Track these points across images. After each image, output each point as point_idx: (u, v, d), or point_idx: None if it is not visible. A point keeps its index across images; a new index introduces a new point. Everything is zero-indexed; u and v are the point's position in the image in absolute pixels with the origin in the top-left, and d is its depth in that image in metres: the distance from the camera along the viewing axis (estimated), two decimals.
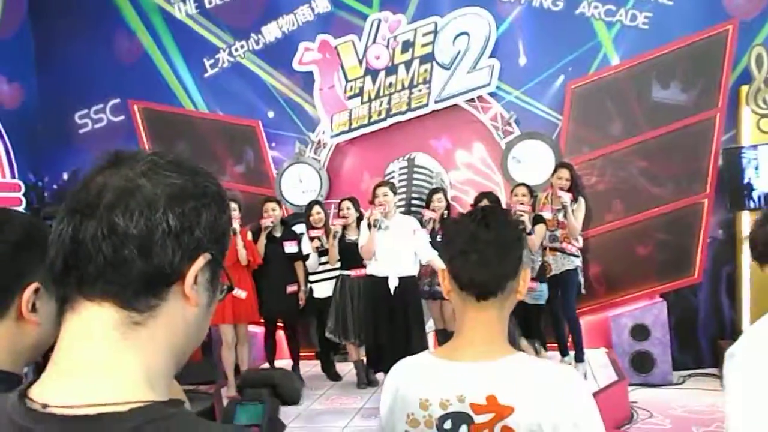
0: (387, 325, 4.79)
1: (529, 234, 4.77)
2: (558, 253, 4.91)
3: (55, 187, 6.48)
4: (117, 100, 6.33)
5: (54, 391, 0.64)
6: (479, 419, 1.20)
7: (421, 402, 1.24)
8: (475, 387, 1.21)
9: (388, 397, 1.33)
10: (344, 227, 5.17)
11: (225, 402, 4.54)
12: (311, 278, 5.43)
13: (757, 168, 5.14)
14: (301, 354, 5.59)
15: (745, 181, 5.14)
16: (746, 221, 5.20)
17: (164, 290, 0.68)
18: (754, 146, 5.16)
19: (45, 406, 0.63)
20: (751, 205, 5.16)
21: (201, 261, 0.69)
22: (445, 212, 5.17)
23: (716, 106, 5.29)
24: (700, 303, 5.49)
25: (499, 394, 1.19)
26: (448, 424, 1.22)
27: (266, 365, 5.43)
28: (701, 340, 5.50)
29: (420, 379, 1.27)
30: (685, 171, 5.38)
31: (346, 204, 5.25)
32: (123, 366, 0.66)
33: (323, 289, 5.35)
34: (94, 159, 0.72)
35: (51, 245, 0.68)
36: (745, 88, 5.18)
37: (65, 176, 6.49)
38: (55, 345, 0.70)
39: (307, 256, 5.32)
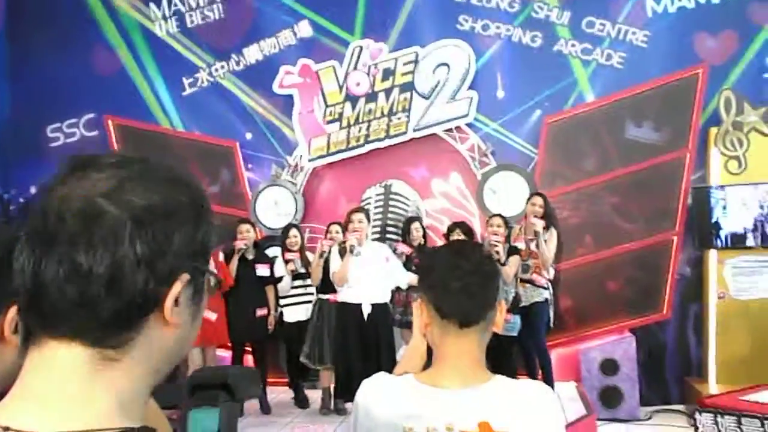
0: (358, 352, 4.76)
1: (503, 265, 4.81)
2: (527, 285, 4.94)
3: (21, 200, 6.32)
4: (92, 115, 6.24)
5: (16, 415, 0.59)
6: None
7: (405, 430, 1.21)
8: (464, 414, 1.19)
9: (364, 416, 1.28)
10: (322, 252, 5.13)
11: None
12: (282, 302, 5.36)
13: (724, 208, 5.27)
14: (269, 380, 5.48)
15: (713, 220, 5.26)
16: (713, 260, 5.31)
17: (140, 321, 0.62)
18: (722, 186, 5.29)
19: (6, 428, 0.58)
20: (719, 244, 5.28)
21: (178, 286, 0.63)
22: (422, 241, 5.19)
23: (686, 146, 5.43)
24: (668, 339, 5.56)
25: (493, 420, 1.18)
26: None
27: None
28: (668, 376, 5.55)
29: (403, 405, 1.24)
30: (656, 208, 5.49)
31: (335, 227, 5.21)
32: (93, 397, 0.61)
33: (294, 314, 5.29)
34: (58, 166, 0.65)
35: (15, 274, 0.62)
36: (714, 130, 5.34)
37: (33, 190, 6.35)
38: None
39: (280, 278, 5.27)
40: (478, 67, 5.72)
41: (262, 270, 5.21)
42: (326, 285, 5.11)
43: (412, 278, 4.71)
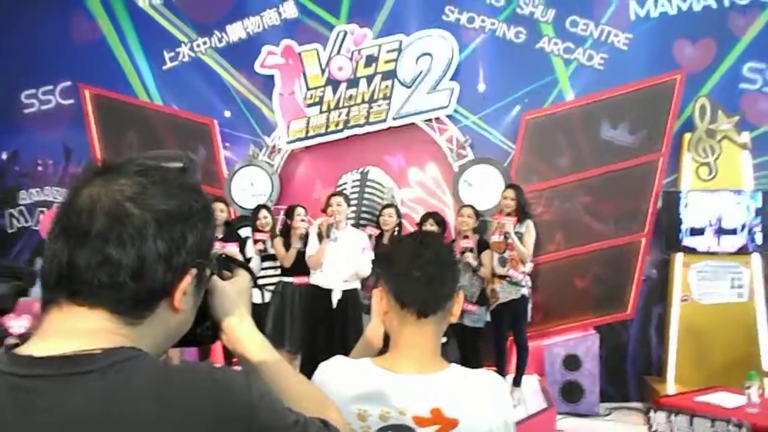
0: (325, 336, 4.76)
1: (477, 270, 4.85)
2: (504, 281, 4.93)
3: None
4: (68, 83, 6.13)
5: (39, 348, 0.70)
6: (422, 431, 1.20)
7: (359, 413, 1.23)
8: (418, 399, 1.21)
9: None
10: (289, 236, 5.11)
11: None
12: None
13: (687, 210, 5.37)
14: (234, 360, 5.46)
15: (682, 224, 5.36)
16: (679, 263, 5.42)
17: (154, 304, 0.74)
18: (693, 191, 5.39)
19: (30, 356, 0.69)
20: (685, 248, 5.38)
21: (188, 279, 0.75)
22: (396, 228, 5.20)
23: (660, 150, 5.52)
24: (631, 339, 5.67)
25: (445, 407, 1.21)
26: None
27: None
28: (629, 374, 5.66)
29: (358, 388, 1.25)
30: (626, 210, 5.57)
31: (299, 210, 5.18)
32: (104, 335, 0.71)
33: (260, 295, 5.27)
34: (83, 168, 0.76)
35: (45, 260, 0.73)
36: (688, 136, 5.42)
37: (4, 156, 6.24)
38: None
39: (249, 259, 5.24)
40: (461, 59, 5.73)
41: (231, 249, 5.18)
42: (293, 267, 5.08)
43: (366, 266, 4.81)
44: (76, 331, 0.71)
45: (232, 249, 5.02)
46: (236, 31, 6.03)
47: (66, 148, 6.13)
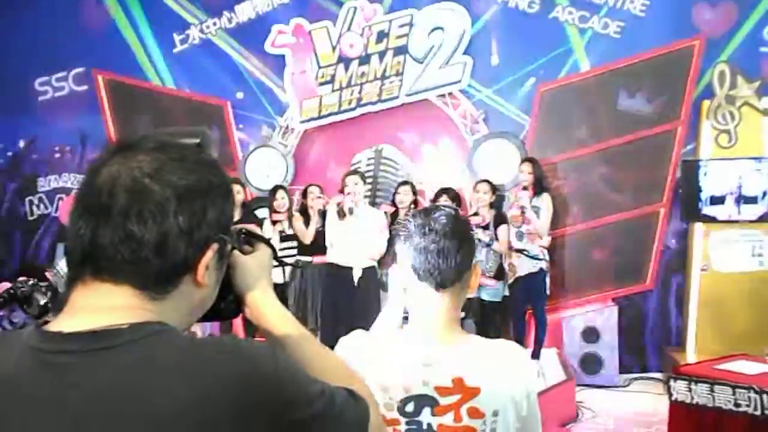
0: (347, 314, 4.80)
1: (490, 245, 4.84)
2: (522, 255, 4.92)
3: (9, 154, 6.28)
4: (81, 70, 6.16)
5: (67, 324, 0.71)
6: (444, 401, 1.22)
7: (381, 384, 1.24)
8: (439, 370, 1.23)
9: None
10: (308, 214, 5.13)
11: None
12: None
13: (707, 179, 5.29)
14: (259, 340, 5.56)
15: (701, 193, 5.28)
16: (699, 233, 5.36)
17: (178, 279, 0.74)
18: (712, 160, 5.30)
19: (60, 333, 0.70)
20: (705, 217, 5.31)
21: (210, 254, 0.75)
22: (412, 206, 5.20)
23: (678, 119, 5.42)
24: (650, 310, 5.64)
25: (466, 377, 1.22)
26: (410, 407, 1.23)
27: None
28: (648, 345, 5.65)
29: (380, 361, 1.27)
30: (645, 180, 5.51)
31: (313, 188, 5.19)
32: (132, 310, 0.72)
33: (279, 275, 5.31)
34: (102, 149, 0.76)
35: (69, 238, 0.74)
36: (707, 103, 5.31)
37: (21, 144, 6.30)
38: None
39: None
40: (473, 33, 5.65)
41: None
42: (311, 247, 5.12)
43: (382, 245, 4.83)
44: (103, 307, 0.72)
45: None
46: (245, 11, 5.99)
47: (82, 134, 6.18)
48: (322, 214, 5.05)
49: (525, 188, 4.92)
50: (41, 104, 6.21)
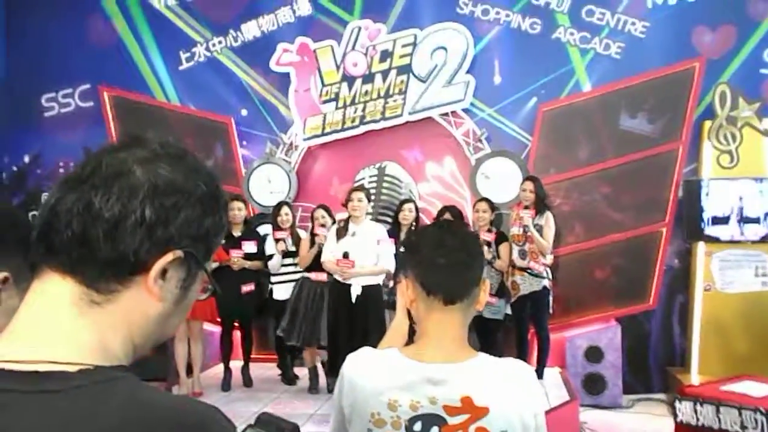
0: (347, 332, 4.78)
1: (491, 262, 4.84)
2: (525, 273, 4.92)
3: (14, 168, 6.30)
4: (87, 86, 6.21)
5: (6, 349, 0.64)
6: (453, 421, 1.21)
7: (389, 403, 1.23)
8: (447, 388, 1.21)
9: (349, 388, 1.30)
10: (315, 233, 5.14)
11: None
12: (272, 279, 5.38)
13: (709, 198, 5.30)
14: (258, 356, 5.53)
15: (703, 213, 5.30)
16: (701, 252, 5.36)
17: (128, 278, 0.67)
18: (713, 180, 5.33)
19: (1, 370, 0.63)
20: (707, 237, 5.32)
21: (170, 256, 0.68)
22: (414, 224, 5.21)
23: (680, 139, 5.45)
24: (653, 329, 5.62)
25: (475, 396, 1.21)
26: (417, 426, 1.22)
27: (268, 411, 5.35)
28: (652, 365, 5.62)
29: (387, 378, 1.25)
30: (647, 199, 5.52)
31: (321, 212, 5.21)
32: (78, 337, 0.66)
33: (283, 292, 5.31)
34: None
35: (40, 208, 0.70)
36: (708, 123, 5.35)
37: (26, 159, 6.33)
38: None
39: (270, 256, 5.28)
40: (476, 52, 5.71)
41: (249, 247, 5.23)
42: (311, 264, 5.12)
43: (389, 267, 4.82)
44: (45, 326, 0.65)
45: None
46: (251, 30, 6.06)
47: (87, 150, 6.21)
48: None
49: (527, 207, 4.93)
50: (47, 120, 6.25)
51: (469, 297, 1.28)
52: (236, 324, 5.45)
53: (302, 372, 5.48)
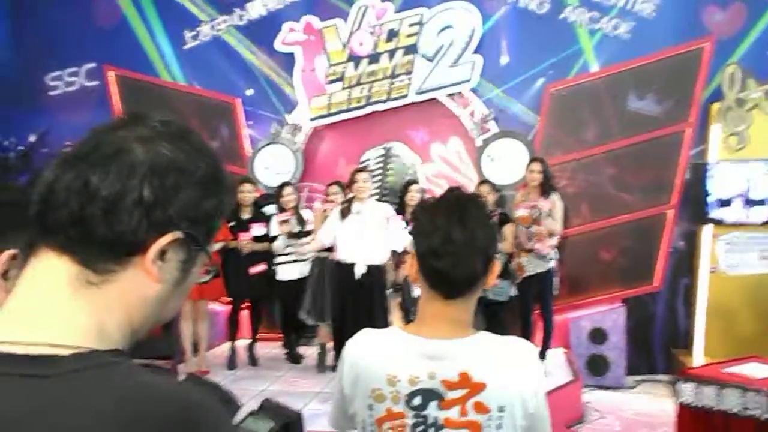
0: (351, 311, 4.80)
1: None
2: (531, 255, 4.92)
3: (21, 148, 6.31)
4: (92, 65, 6.19)
5: (5, 330, 0.63)
6: (451, 395, 1.22)
7: (388, 378, 1.24)
8: (446, 364, 1.22)
9: (349, 368, 1.31)
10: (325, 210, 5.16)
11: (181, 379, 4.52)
12: (276, 260, 5.40)
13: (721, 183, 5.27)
14: (263, 336, 5.58)
15: (709, 195, 5.27)
16: (707, 235, 5.35)
17: (125, 259, 0.66)
18: (720, 162, 5.29)
19: None
20: (713, 219, 5.30)
21: (168, 237, 0.66)
22: None
23: (687, 121, 5.41)
24: (657, 311, 5.63)
25: (473, 371, 1.21)
26: (417, 400, 1.23)
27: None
28: (656, 347, 5.64)
29: (387, 354, 1.26)
30: (653, 181, 5.50)
31: (334, 188, 5.21)
32: (73, 318, 0.65)
33: (287, 272, 5.33)
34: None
35: (38, 185, 0.68)
36: (716, 106, 5.30)
37: (32, 138, 6.33)
38: None
39: (275, 237, 5.29)
40: (484, 32, 5.65)
41: (258, 229, 5.25)
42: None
43: (405, 244, 4.77)
44: (40, 305, 0.64)
45: None
46: (256, 8, 6.01)
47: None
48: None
49: (534, 187, 4.92)
50: (52, 99, 6.25)
51: (472, 290, 1.26)
52: (245, 304, 5.49)
53: (307, 352, 5.53)
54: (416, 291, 4.54)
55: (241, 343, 5.50)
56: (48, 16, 6.08)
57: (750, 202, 5.22)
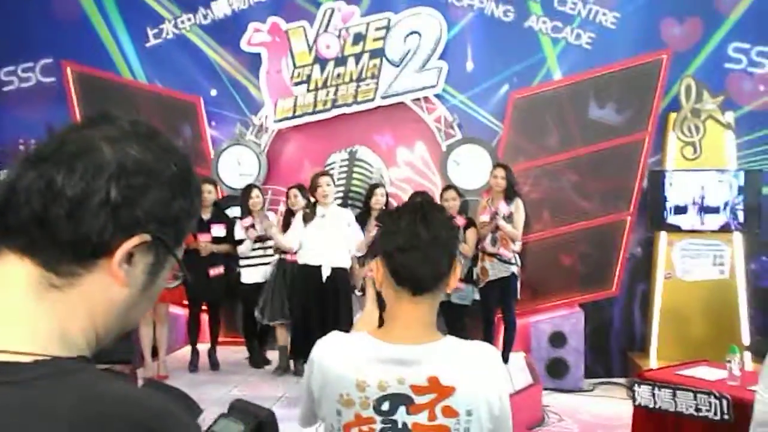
0: (317, 314, 4.80)
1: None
2: (495, 259, 4.98)
3: None
4: (49, 60, 6.00)
5: None
6: (419, 400, 1.23)
7: (357, 383, 1.25)
8: (415, 369, 1.23)
9: (317, 371, 1.32)
10: (291, 212, 5.13)
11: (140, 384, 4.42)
12: (240, 263, 5.34)
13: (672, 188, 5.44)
14: (225, 339, 5.50)
15: (666, 203, 5.43)
16: (663, 242, 5.51)
17: (90, 261, 0.64)
18: (677, 171, 5.46)
19: None
20: (669, 226, 5.46)
21: (135, 240, 0.65)
22: (384, 209, 5.22)
23: (646, 130, 5.56)
24: (615, 315, 5.77)
25: (441, 376, 1.23)
26: (385, 406, 1.24)
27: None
28: (613, 350, 5.77)
29: (356, 360, 1.27)
30: (612, 188, 5.63)
31: (294, 192, 5.18)
32: (35, 323, 0.62)
33: (251, 275, 5.28)
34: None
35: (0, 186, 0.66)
36: (673, 115, 5.47)
37: None
38: None
39: (240, 241, 5.23)
40: (449, 38, 5.70)
41: (217, 230, 5.18)
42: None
43: (360, 243, 4.85)
44: (1, 309, 0.62)
45: None
46: (221, 8, 5.93)
47: (48, 127, 6.00)
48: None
49: (498, 193, 4.98)
50: (6, 95, 6.04)
51: (438, 287, 1.29)
52: (204, 307, 5.40)
53: (272, 356, 5.47)
54: None
55: (202, 347, 5.41)
56: (3, 8, 5.87)
57: (704, 210, 5.40)
